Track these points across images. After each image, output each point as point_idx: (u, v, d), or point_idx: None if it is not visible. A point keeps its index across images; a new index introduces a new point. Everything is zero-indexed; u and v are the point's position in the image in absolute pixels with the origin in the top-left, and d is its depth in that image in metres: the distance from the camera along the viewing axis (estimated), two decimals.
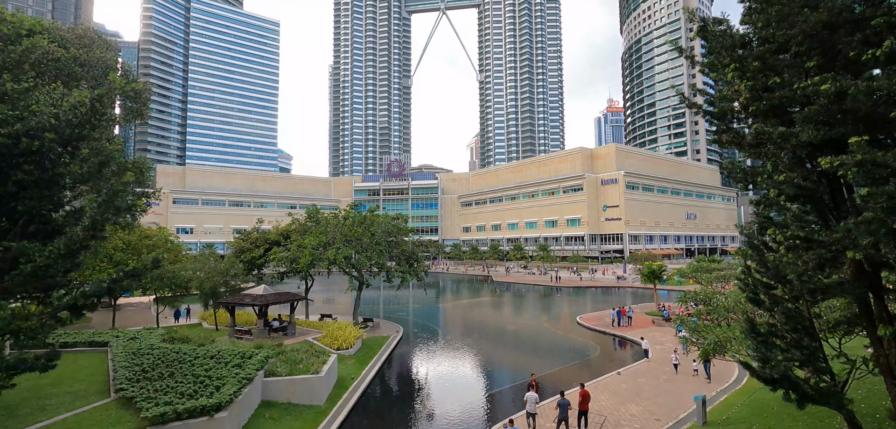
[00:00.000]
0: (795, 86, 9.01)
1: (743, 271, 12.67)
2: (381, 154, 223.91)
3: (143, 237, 41.40)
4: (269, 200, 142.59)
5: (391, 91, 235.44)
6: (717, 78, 10.97)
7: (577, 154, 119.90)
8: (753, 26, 10.02)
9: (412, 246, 44.39)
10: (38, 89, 15.63)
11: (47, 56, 35.24)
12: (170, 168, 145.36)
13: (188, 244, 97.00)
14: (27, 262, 10.37)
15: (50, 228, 12.51)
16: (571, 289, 71.60)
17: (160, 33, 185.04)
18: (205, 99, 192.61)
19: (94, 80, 44.00)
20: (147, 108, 49.08)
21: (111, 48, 50.23)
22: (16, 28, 31.44)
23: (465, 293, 73.22)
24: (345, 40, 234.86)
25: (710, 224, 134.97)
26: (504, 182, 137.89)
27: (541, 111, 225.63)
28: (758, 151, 10.94)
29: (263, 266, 48.50)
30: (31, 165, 12.44)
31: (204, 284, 35.38)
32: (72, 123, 13.38)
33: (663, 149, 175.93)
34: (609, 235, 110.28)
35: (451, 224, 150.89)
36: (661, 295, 53.13)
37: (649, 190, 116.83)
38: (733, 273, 36.66)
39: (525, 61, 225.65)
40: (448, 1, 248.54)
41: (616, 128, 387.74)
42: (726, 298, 24.52)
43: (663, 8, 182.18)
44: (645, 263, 55.34)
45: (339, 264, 37.69)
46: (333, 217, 43.93)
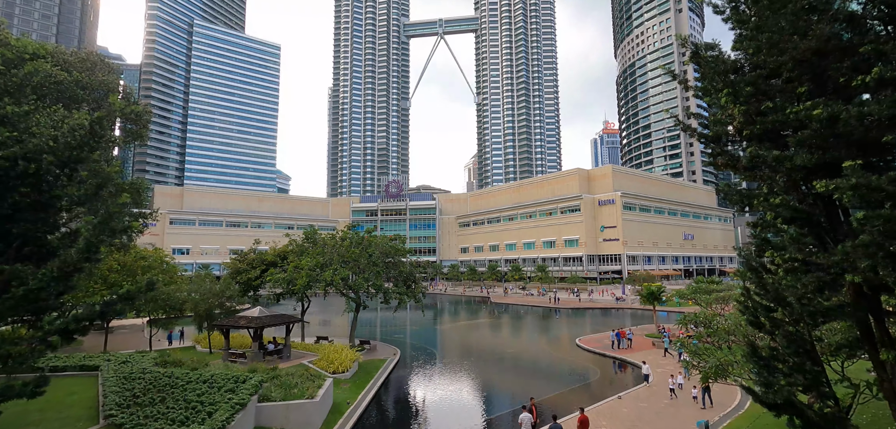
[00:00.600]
0: (788, 110, 9.13)
1: (742, 293, 12.59)
2: (380, 175, 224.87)
3: (138, 258, 41.07)
4: (267, 220, 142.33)
5: (390, 113, 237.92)
6: (711, 102, 11.12)
7: (574, 175, 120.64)
8: (745, 52, 10.21)
9: (410, 267, 44.18)
10: (38, 112, 15.70)
11: (49, 79, 35.59)
12: (168, 189, 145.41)
13: (184, 265, 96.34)
14: (19, 285, 10.23)
15: (44, 251, 12.40)
16: (570, 310, 71.11)
17: (162, 56, 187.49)
18: (204, 120, 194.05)
19: (95, 103, 44.30)
20: (146, 129, 49.30)
21: (113, 71, 50.75)
22: (19, 52, 31.82)
23: (463, 315, 72.58)
24: (344, 63, 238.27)
25: (708, 245, 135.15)
26: (502, 203, 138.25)
27: (537, 133, 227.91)
28: (753, 173, 11.01)
29: (259, 287, 48.07)
30: (27, 188, 12.40)
31: (199, 305, 34.98)
32: (70, 145, 13.40)
33: (659, 170, 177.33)
34: (607, 256, 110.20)
35: (449, 245, 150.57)
36: (660, 316, 52.79)
37: (646, 211, 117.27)
38: (732, 295, 36.55)
39: (522, 84, 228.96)
40: (446, 27, 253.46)
41: (612, 149, 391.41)
42: (726, 320, 24.36)
43: (656, 34, 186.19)
44: (643, 285, 55.14)
45: (335, 286, 37.41)
46: (331, 238, 43.80)
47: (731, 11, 10.07)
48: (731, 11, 10.05)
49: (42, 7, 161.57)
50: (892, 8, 8.28)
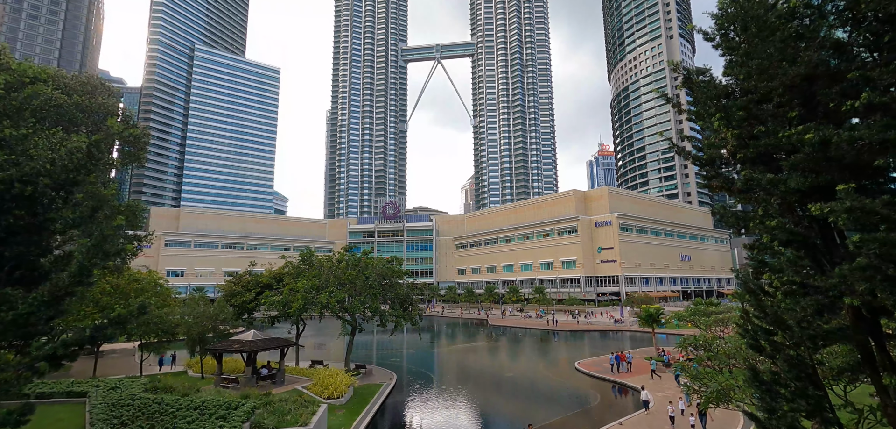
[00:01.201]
0: (780, 134, 9.25)
1: (741, 316, 12.51)
2: (377, 196, 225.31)
3: (131, 280, 40.61)
4: (263, 242, 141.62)
5: (387, 135, 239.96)
6: (704, 126, 11.25)
7: (571, 196, 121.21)
8: (736, 78, 10.39)
9: (406, 289, 43.83)
10: (37, 134, 15.71)
11: (49, 102, 35.76)
12: (164, 210, 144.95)
13: (178, 288, 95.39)
14: (8, 310, 10.05)
15: (36, 274, 12.23)
16: (568, 333, 70.45)
17: (163, 80, 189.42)
18: (203, 142, 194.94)
19: (93, 125, 44.46)
20: (144, 152, 49.37)
21: (113, 94, 51.08)
22: (20, 76, 32.03)
23: (461, 338, 71.76)
24: (343, 86, 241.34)
25: (705, 266, 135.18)
26: (499, 224, 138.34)
27: (534, 154, 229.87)
28: (748, 196, 11.07)
29: (254, 310, 47.48)
30: (22, 210, 12.31)
31: (192, 329, 34.44)
32: (67, 167, 13.38)
33: (655, 191, 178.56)
34: (605, 278, 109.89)
35: (446, 266, 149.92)
36: (659, 339, 52.35)
37: (643, 232, 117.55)
38: (731, 317, 36.38)
39: (517, 107, 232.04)
40: (443, 52, 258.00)
41: (607, 171, 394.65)
42: (726, 343, 24.17)
43: (648, 59, 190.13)
44: (642, 307, 54.86)
45: (331, 308, 37.00)
46: (327, 260, 43.52)
47: (721, 39, 10.28)
48: (721, 39, 10.27)
49: (45, 32, 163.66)
50: (876, 36, 8.47)
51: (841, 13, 8.88)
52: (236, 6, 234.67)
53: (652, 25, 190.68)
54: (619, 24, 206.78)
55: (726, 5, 9.81)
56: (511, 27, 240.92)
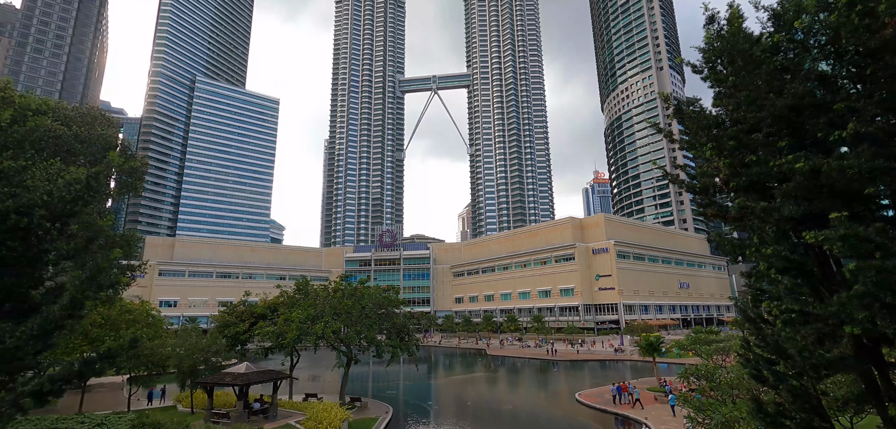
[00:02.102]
0: (771, 163, 9.38)
1: (742, 345, 12.36)
2: (374, 225, 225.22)
3: (123, 312, 39.94)
4: (259, 271, 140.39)
5: (384, 163, 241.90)
6: (697, 155, 11.40)
7: (567, 224, 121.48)
8: (725, 108, 10.61)
9: (403, 318, 43.26)
10: (35, 166, 15.73)
11: (48, 133, 35.96)
12: (159, 239, 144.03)
13: (170, 318, 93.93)
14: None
15: (26, 307, 12.04)
16: (568, 363, 69.34)
17: (163, 110, 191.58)
18: (201, 171, 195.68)
19: (92, 156, 44.64)
20: (141, 182, 49.46)
21: (112, 125, 51.55)
22: (22, 109, 32.30)
23: (459, 368, 70.46)
24: (341, 116, 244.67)
25: (704, 293, 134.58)
26: (496, 252, 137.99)
27: (530, 182, 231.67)
28: (742, 223, 11.13)
29: (248, 342, 46.62)
30: (16, 242, 12.20)
31: (183, 361, 33.67)
32: (65, 198, 13.34)
33: (650, 218, 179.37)
34: (604, 305, 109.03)
35: (444, 295, 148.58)
36: (661, 368, 51.53)
37: (640, 259, 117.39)
38: (733, 345, 35.91)
39: (513, 136, 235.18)
40: (440, 82, 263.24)
41: (603, 198, 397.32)
42: (729, 373, 23.80)
43: (639, 89, 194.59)
44: (642, 335, 54.21)
45: (327, 339, 36.37)
46: (323, 289, 43.06)
47: (708, 71, 10.54)
48: (709, 71, 10.52)
49: (48, 65, 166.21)
50: (859, 68, 8.71)
51: (823, 47, 9.16)
52: (238, 39, 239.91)
53: (642, 57, 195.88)
54: (610, 57, 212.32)
55: (713, 40, 10.10)
56: (505, 59, 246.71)
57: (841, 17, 7.95)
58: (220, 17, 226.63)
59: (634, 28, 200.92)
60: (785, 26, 9.46)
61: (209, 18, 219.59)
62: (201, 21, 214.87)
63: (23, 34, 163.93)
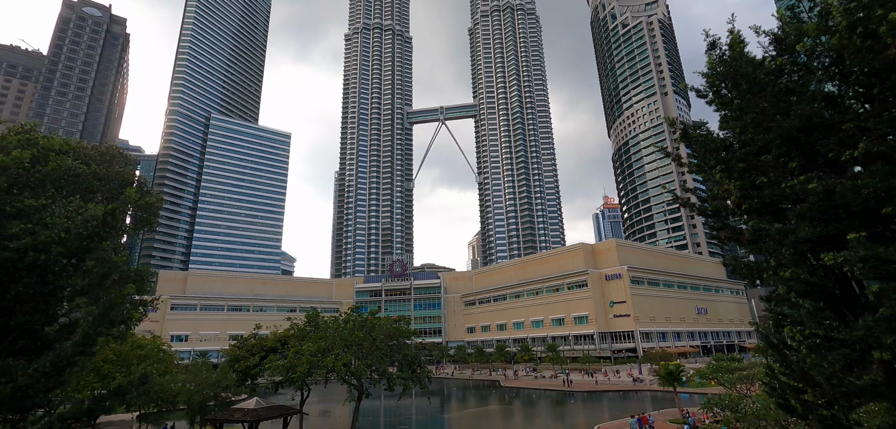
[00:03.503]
0: (783, 185, 9.24)
1: (767, 372, 11.86)
2: (384, 255, 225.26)
3: (134, 347, 40.06)
4: (269, 303, 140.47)
5: (394, 194, 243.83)
6: (706, 178, 11.29)
7: (579, 250, 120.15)
8: (732, 131, 10.56)
9: (415, 350, 42.59)
10: (54, 204, 16.14)
11: (69, 172, 37.07)
12: (171, 273, 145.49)
13: (181, 353, 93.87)
14: (7, 382, 9.88)
15: (39, 344, 12.14)
16: (585, 394, 67.24)
17: (178, 147, 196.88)
18: (214, 205, 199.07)
19: (109, 193, 45.78)
20: (156, 217, 50.40)
21: (130, 162, 53.00)
22: (45, 150, 33.49)
23: (472, 401, 68.77)
24: (350, 148, 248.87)
25: (723, 319, 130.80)
26: (507, 280, 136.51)
27: (539, 209, 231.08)
28: (757, 246, 10.87)
29: (258, 376, 46.19)
30: (32, 279, 12.41)
31: (193, 397, 33.42)
32: (82, 235, 13.60)
33: (663, 243, 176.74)
34: (619, 333, 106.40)
35: (455, 325, 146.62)
36: (682, 399, 49.66)
37: (655, 284, 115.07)
38: (756, 373, 34.58)
39: (521, 163, 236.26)
40: (447, 113, 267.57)
41: (614, 223, 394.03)
42: (754, 402, 22.84)
43: (645, 115, 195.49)
44: (661, 364, 52.53)
45: (337, 372, 35.85)
46: (333, 321, 42.77)
47: (713, 95, 10.56)
48: (714, 95, 10.54)
49: (71, 107, 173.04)
50: (866, 87, 8.64)
51: (827, 69, 9.14)
52: (251, 77, 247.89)
53: (646, 84, 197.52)
54: (614, 84, 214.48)
55: (715, 65, 10.15)
56: (511, 88, 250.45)
57: (843, 39, 7.96)
58: (234, 57, 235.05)
59: (637, 55, 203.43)
60: (787, 49, 9.49)
61: (224, 58, 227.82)
62: (217, 61, 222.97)
63: (48, 78, 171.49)
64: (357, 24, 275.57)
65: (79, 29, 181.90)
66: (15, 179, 13.99)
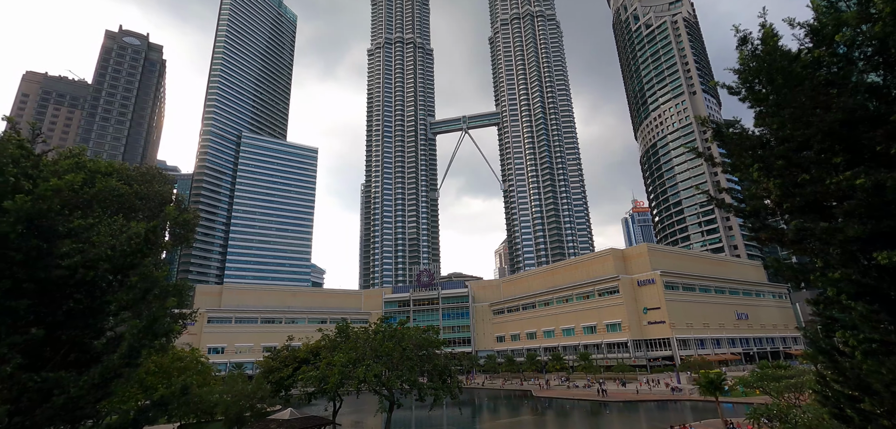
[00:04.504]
0: (827, 181, 8.75)
1: (818, 380, 11.17)
2: (411, 265, 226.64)
3: (175, 359, 41.65)
4: (300, 315, 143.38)
5: (419, 204, 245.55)
6: (742, 177, 10.82)
7: (609, 255, 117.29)
8: (769, 128, 10.07)
9: (444, 360, 42.52)
10: (101, 223, 17.10)
11: (113, 193, 39.27)
12: (208, 287, 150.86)
13: (218, 365, 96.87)
14: (61, 393, 10.45)
15: (88, 357, 12.80)
16: (622, 404, 65.13)
17: (212, 165, 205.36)
18: (246, 220, 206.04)
19: (150, 211, 48.18)
20: (193, 234, 52.59)
21: (168, 182, 55.72)
22: (92, 172, 35.65)
23: (504, 412, 67.85)
24: (375, 160, 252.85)
25: (765, 324, 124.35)
26: (535, 287, 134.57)
27: (566, 215, 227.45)
28: (801, 246, 10.30)
29: (292, 386, 47.15)
30: (81, 294, 13.13)
31: (230, 408, 34.42)
32: (126, 252, 14.31)
33: (697, 246, 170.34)
34: (655, 341, 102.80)
35: (484, 334, 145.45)
36: (725, 409, 47.34)
37: (690, 289, 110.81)
38: (806, 381, 32.61)
39: (546, 169, 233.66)
40: (469, 122, 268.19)
41: (644, 227, 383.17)
42: (805, 412, 21.54)
43: (673, 115, 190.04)
44: (701, 372, 50.34)
45: (368, 382, 36.17)
46: (363, 331, 43.25)
47: (746, 92, 10.11)
48: (747, 92, 10.09)
49: (114, 131, 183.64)
50: None
51: (870, 58, 8.63)
52: (279, 95, 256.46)
53: (673, 83, 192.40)
54: (639, 85, 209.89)
55: (747, 60, 9.74)
56: (534, 95, 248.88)
57: (886, 27, 7.52)
58: (263, 77, 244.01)
59: (662, 55, 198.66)
60: (825, 40, 9.02)
61: (254, 79, 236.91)
62: (247, 81, 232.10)
63: (92, 106, 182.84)
64: (379, 39, 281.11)
65: (120, 58, 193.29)
66: (67, 200, 14.92)
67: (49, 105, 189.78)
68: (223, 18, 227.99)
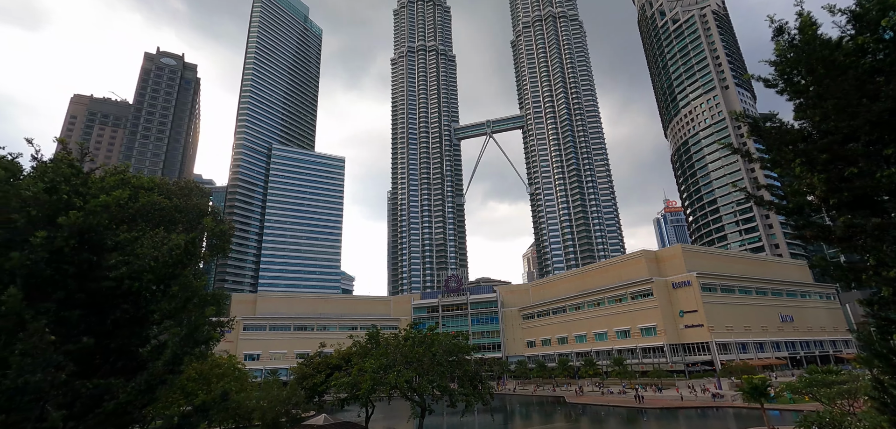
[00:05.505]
0: (878, 175, 8.22)
1: (874, 386, 10.47)
2: (439, 270, 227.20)
3: (213, 366, 43.09)
4: (332, 322, 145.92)
5: (445, 210, 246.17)
6: (783, 173, 10.29)
7: (641, 257, 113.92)
8: (810, 120, 9.55)
9: (475, 365, 42.32)
10: (144, 235, 18.01)
11: (154, 206, 41.29)
12: (243, 296, 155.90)
13: (254, 371, 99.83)
14: (111, 399, 11.04)
15: (134, 364, 13.48)
16: (659, 410, 62.93)
17: (245, 177, 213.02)
18: (278, 230, 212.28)
19: (188, 223, 50.29)
20: (229, 244, 54.48)
21: (205, 194, 57.95)
22: (136, 188, 37.63)
23: (537, 418, 66.80)
24: (401, 168, 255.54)
25: (813, 326, 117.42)
26: (565, 291, 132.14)
27: (595, 217, 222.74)
28: (851, 244, 9.69)
29: (325, 393, 48.02)
30: (127, 304, 13.86)
31: (266, 414, 35.34)
32: (168, 263, 15.02)
33: (735, 246, 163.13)
34: (692, 345, 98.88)
35: (514, 339, 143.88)
36: (772, 417, 44.93)
37: (729, 291, 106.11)
38: (861, 386, 30.56)
39: (573, 171, 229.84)
40: (493, 126, 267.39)
41: (678, 228, 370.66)
42: (861, 421, 20.19)
43: (705, 111, 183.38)
44: (744, 378, 48.00)
45: (400, 388, 36.41)
46: (393, 338, 43.64)
47: (784, 83, 9.62)
48: (785, 83, 9.60)
49: (153, 148, 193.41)
50: None
51: None
52: (307, 107, 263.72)
53: (703, 78, 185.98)
54: (668, 82, 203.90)
55: (785, 50, 9.27)
56: (558, 96, 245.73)
57: None
58: (291, 91, 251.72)
59: (691, 50, 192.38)
60: (869, 27, 8.51)
61: (282, 92, 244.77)
62: (276, 95, 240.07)
63: (133, 124, 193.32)
64: (402, 48, 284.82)
65: (158, 78, 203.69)
66: (114, 215, 15.81)
67: (94, 125, 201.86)
68: (252, 36, 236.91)
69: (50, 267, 11.51)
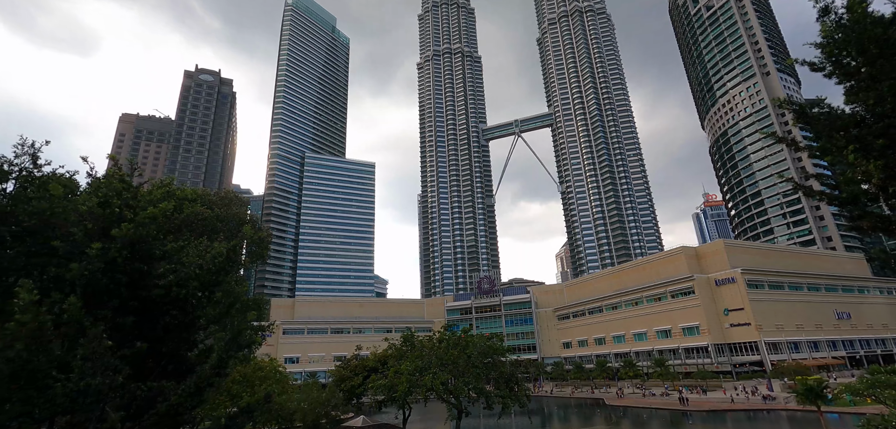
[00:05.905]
0: None
1: None
2: (471, 272, 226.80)
3: (256, 369, 44.74)
4: (367, 325, 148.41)
5: (476, 211, 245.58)
6: (834, 161, 9.63)
7: (680, 254, 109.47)
8: (863, 103, 8.87)
9: (510, 367, 41.97)
10: (189, 245, 18.99)
11: (197, 217, 43.39)
12: (281, 301, 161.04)
13: (294, 374, 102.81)
14: (163, 401, 11.70)
15: (183, 368, 14.23)
16: (705, 413, 60.18)
17: (280, 186, 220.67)
18: (313, 236, 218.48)
19: (229, 232, 52.55)
20: (267, 251, 56.57)
21: (244, 204, 60.60)
22: (181, 200, 39.72)
23: (575, 421, 65.42)
24: (430, 171, 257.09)
25: (873, 324, 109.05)
26: (601, 290, 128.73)
27: (630, 214, 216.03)
28: None
29: (362, 394, 48.90)
30: (176, 310, 14.65)
31: (307, 416, 36.33)
32: (211, 271, 15.78)
33: (782, 239, 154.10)
34: (739, 345, 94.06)
35: (549, 340, 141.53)
36: (830, 420, 42.05)
37: (778, 288, 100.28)
38: None
39: (605, 168, 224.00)
40: (521, 126, 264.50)
41: (719, 223, 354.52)
42: None
43: (744, 99, 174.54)
44: (797, 379, 45.18)
45: (436, 390, 36.58)
46: (428, 340, 43.91)
47: (833, 66, 8.98)
48: (834, 66, 8.96)
49: (195, 161, 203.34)
50: None
51: None
52: (336, 115, 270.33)
53: (742, 66, 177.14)
54: (704, 71, 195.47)
55: (832, 31, 8.66)
56: (587, 93, 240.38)
57: None
58: (321, 99, 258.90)
59: (727, 37, 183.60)
60: None
61: (313, 102, 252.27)
62: (307, 105, 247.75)
63: (176, 139, 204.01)
64: (428, 52, 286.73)
65: (197, 94, 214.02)
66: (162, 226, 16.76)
67: (141, 141, 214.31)
68: (283, 49, 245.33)
69: (105, 276, 12.33)
